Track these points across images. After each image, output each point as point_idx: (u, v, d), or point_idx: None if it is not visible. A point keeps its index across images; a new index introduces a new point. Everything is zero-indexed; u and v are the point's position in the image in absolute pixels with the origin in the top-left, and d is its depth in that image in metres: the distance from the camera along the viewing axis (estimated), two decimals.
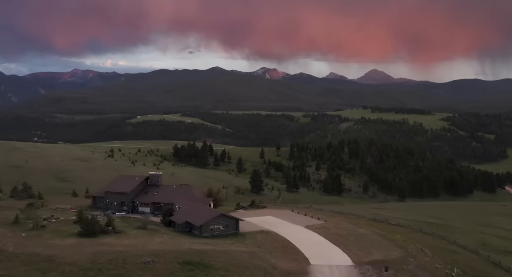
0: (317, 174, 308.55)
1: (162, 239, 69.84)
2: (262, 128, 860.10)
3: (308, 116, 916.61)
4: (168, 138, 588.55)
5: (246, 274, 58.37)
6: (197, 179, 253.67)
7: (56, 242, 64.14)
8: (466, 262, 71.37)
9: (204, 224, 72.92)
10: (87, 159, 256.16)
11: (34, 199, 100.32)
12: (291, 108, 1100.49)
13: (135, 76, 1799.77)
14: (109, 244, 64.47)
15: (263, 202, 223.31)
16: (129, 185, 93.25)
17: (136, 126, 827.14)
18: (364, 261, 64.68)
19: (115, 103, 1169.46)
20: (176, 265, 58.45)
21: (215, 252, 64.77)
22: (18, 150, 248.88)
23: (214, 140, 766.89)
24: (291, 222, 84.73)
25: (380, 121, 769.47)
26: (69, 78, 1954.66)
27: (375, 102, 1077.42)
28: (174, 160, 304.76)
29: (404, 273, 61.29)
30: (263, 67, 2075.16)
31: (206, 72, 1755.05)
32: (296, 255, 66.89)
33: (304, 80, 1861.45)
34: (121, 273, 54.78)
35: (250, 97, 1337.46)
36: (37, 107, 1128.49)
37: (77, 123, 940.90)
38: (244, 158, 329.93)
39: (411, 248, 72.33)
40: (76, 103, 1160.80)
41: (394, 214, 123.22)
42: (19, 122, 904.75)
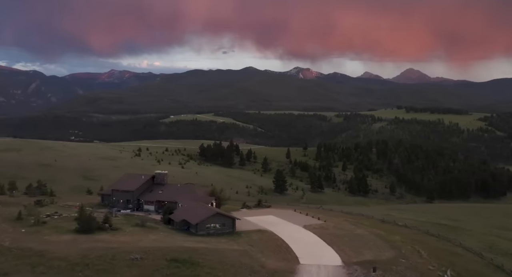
0: (343, 174, 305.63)
1: (157, 236, 70.90)
2: (293, 128, 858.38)
3: (341, 116, 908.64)
4: (200, 137, 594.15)
5: (231, 272, 58.66)
6: (221, 179, 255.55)
7: (53, 238, 66.02)
8: (464, 265, 69.70)
9: (200, 222, 73.60)
10: (114, 158, 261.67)
11: (46, 196, 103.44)
12: (324, 108, 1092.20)
13: (170, 76, 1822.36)
14: (103, 241, 65.90)
15: (287, 202, 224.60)
16: (135, 183, 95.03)
17: (169, 125, 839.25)
18: (354, 261, 64.08)
19: (150, 103, 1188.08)
20: (164, 262, 59.28)
21: (206, 250, 65.33)
22: (48, 149, 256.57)
23: (245, 139, 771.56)
24: (290, 221, 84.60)
25: (414, 121, 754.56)
26: (106, 79, 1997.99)
27: (410, 102, 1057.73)
28: (200, 160, 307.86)
29: (393, 273, 60.40)
30: (296, 67, 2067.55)
31: (240, 72, 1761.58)
32: (287, 254, 66.77)
33: (338, 80, 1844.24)
34: (107, 269, 55.93)
35: (282, 97, 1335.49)
36: (75, 107, 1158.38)
37: (113, 122, 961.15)
38: (270, 158, 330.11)
39: (406, 249, 71.13)
40: (112, 103, 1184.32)
41: (407, 215, 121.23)
42: (58, 121, 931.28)
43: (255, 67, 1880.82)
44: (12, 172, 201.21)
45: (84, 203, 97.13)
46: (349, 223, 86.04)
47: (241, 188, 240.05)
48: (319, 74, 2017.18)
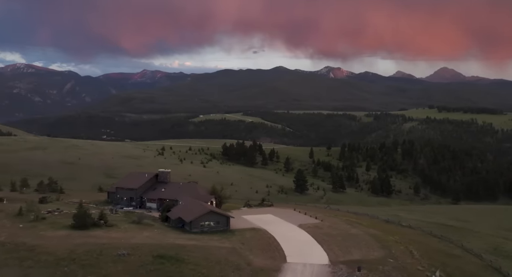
0: (367, 174, 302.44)
1: (151, 233, 72.08)
2: (322, 128, 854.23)
3: (371, 116, 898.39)
4: (228, 137, 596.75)
5: (215, 269, 59.19)
6: (241, 178, 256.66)
7: (48, 233, 67.97)
8: (460, 266, 68.51)
9: (194, 220, 74.42)
10: (137, 156, 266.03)
11: (55, 193, 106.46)
12: (354, 107, 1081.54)
13: (200, 76, 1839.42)
14: (96, 237, 67.45)
15: (306, 202, 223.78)
16: (138, 181, 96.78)
17: (198, 125, 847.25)
18: (341, 260, 63.74)
19: (180, 103, 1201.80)
20: (150, 258, 60.26)
21: (194, 247, 66.07)
22: (73, 148, 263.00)
23: (273, 139, 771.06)
24: (286, 220, 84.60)
25: (446, 121, 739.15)
26: (139, 79, 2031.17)
27: (443, 102, 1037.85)
28: (222, 159, 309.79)
29: (378, 273, 59.74)
30: (327, 66, 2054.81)
31: (270, 72, 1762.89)
32: (275, 253, 66.91)
33: (370, 79, 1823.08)
34: (92, 264, 57.27)
35: (312, 97, 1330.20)
36: (108, 107, 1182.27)
37: (144, 122, 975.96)
38: (293, 158, 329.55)
39: (398, 250, 70.25)
40: (144, 103, 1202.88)
41: (416, 216, 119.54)
42: (91, 121, 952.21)
43: (285, 67, 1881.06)
44: (37, 169, 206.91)
45: (91, 200, 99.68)
46: (346, 223, 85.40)
47: (261, 187, 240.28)
48: (350, 73, 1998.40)
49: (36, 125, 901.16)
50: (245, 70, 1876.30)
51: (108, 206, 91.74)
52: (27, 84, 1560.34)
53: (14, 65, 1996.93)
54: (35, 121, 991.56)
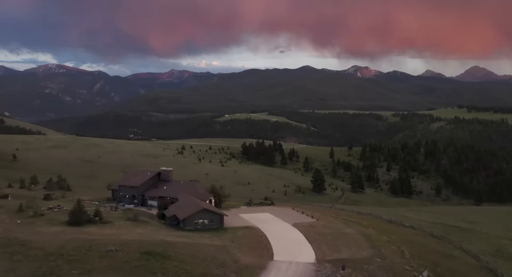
0: (388, 175, 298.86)
1: (144, 230, 73.14)
2: (347, 128, 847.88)
3: (398, 116, 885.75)
4: (253, 136, 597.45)
5: (200, 265, 59.80)
6: (259, 177, 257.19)
7: (43, 229, 69.73)
8: (452, 267, 67.65)
9: (187, 217, 75.21)
10: (156, 155, 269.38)
11: (62, 191, 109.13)
12: (381, 107, 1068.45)
13: (227, 75, 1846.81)
14: (88, 233, 68.85)
15: (323, 202, 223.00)
16: (140, 179, 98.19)
17: (223, 124, 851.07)
18: (327, 259, 63.57)
19: (206, 102, 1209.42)
20: (136, 255, 61.24)
21: (184, 244, 66.83)
22: (94, 146, 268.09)
23: (297, 139, 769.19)
24: (282, 219, 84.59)
25: (475, 121, 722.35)
26: (167, 78, 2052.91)
27: (474, 101, 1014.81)
28: (242, 158, 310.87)
29: (362, 272, 59.44)
30: (354, 65, 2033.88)
31: (296, 71, 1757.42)
32: (264, 251, 67.12)
33: (398, 78, 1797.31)
34: (79, 259, 58.57)
35: (339, 96, 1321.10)
36: (135, 106, 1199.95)
37: (170, 121, 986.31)
38: (313, 158, 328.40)
39: (389, 249, 69.65)
40: (171, 103, 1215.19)
41: (423, 216, 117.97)
42: (118, 120, 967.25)
43: (312, 66, 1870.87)
44: (57, 167, 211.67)
45: (96, 198, 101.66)
46: (342, 223, 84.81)
47: (279, 187, 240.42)
48: (378, 72, 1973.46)
49: (66, 124, 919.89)
50: (271, 70, 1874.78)
51: (109, 204, 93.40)
52: (58, 84, 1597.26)
53: (46, 66, 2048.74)
54: (65, 120, 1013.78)
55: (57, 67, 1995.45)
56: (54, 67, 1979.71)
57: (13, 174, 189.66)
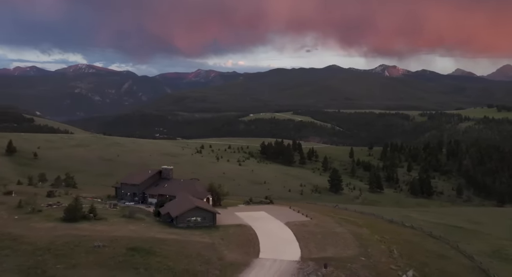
0: (408, 175, 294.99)
1: (136, 227, 74.52)
2: (373, 127, 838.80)
3: (425, 115, 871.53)
4: (276, 136, 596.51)
5: (183, 262, 60.72)
6: (276, 176, 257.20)
7: (37, 225, 71.78)
8: (442, 267, 67.14)
9: (179, 215, 76.33)
10: (175, 154, 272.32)
11: (68, 188, 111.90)
12: (408, 106, 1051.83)
13: (253, 75, 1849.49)
14: (80, 229, 70.58)
15: (339, 202, 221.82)
16: (141, 177, 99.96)
17: (248, 124, 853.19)
18: (312, 257, 63.73)
19: (232, 102, 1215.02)
20: (123, 251, 62.55)
21: (173, 241, 67.92)
22: (115, 145, 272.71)
23: (322, 138, 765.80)
24: (277, 218, 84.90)
25: (505, 121, 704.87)
26: (193, 78, 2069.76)
27: (505, 101, 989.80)
28: (260, 157, 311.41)
29: (344, 270, 59.47)
30: (382, 65, 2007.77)
31: (322, 71, 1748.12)
32: (251, 248, 67.64)
33: (427, 77, 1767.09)
34: (65, 254, 60.19)
35: (365, 95, 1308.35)
36: (162, 106, 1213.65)
37: (196, 120, 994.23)
38: (333, 157, 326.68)
39: (377, 249, 69.42)
40: (196, 102, 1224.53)
41: (427, 217, 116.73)
42: (145, 119, 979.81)
43: (338, 65, 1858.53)
44: (77, 166, 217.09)
45: (99, 195, 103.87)
46: (335, 222, 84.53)
47: (295, 186, 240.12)
48: (406, 71, 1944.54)
49: (94, 123, 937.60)
50: (297, 69, 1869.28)
51: (110, 201, 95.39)
52: (88, 84, 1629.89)
53: (76, 66, 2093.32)
54: (94, 120, 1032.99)
55: (87, 67, 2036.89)
56: (84, 67, 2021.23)
57: (33, 171, 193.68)
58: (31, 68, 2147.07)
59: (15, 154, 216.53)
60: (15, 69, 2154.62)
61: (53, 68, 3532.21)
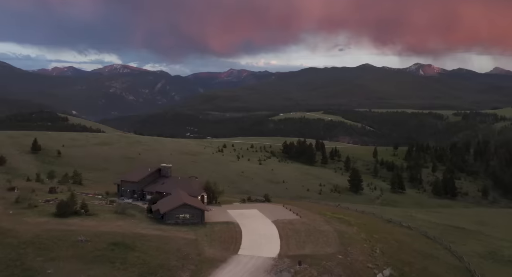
0: (432, 175, 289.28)
1: (125, 223, 76.21)
2: (405, 127, 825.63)
3: (459, 115, 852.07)
4: (306, 135, 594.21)
5: (160, 257, 62.04)
6: (295, 176, 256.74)
7: (29, 219, 74.35)
8: (426, 266, 66.87)
9: (168, 211, 77.75)
10: (196, 153, 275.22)
11: (75, 185, 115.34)
12: (443, 106, 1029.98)
13: (285, 74, 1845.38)
14: (69, 224, 72.76)
15: (359, 202, 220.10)
16: (140, 175, 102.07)
17: (277, 123, 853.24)
18: (289, 254, 64.09)
19: (263, 101, 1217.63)
20: (104, 245, 64.32)
21: (156, 237, 69.32)
22: (137, 144, 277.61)
23: (352, 138, 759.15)
24: (266, 216, 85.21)
25: None
26: (225, 78, 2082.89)
27: None
28: (282, 157, 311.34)
29: (317, 268, 59.69)
30: (416, 63, 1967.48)
31: (355, 69, 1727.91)
32: (232, 245, 68.42)
33: (463, 76, 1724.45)
34: (47, 248, 62.32)
35: (399, 95, 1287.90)
36: (193, 105, 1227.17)
37: (226, 120, 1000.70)
38: (356, 157, 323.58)
39: (359, 247, 69.30)
40: (227, 101, 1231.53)
41: (429, 217, 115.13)
42: (176, 119, 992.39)
43: (371, 64, 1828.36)
44: (98, 163, 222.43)
45: (102, 192, 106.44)
46: (324, 220, 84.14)
47: (314, 186, 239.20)
48: (441, 70, 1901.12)
49: (127, 123, 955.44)
50: (330, 68, 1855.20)
51: (108, 198, 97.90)
52: (122, 84, 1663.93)
53: (112, 66, 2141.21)
54: (127, 119, 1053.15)
55: (121, 67, 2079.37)
56: (119, 67, 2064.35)
57: (55, 169, 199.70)
58: (68, 69, 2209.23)
59: (40, 152, 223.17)
60: (53, 70, 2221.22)
61: (89, 68, 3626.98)
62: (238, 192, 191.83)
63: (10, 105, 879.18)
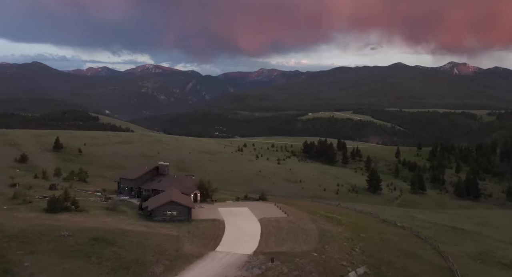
0: (456, 176, 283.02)
1: (112, 219, 78.03)
2: (436, 127, 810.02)
3: (494, 115, 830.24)
4: (334, 135, 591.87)
5: (136, 252, 63.50)
6: (313, 175, 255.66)
7: (20, 214, 77.00)
8: (404, 266, 66.33)
9: (155, 208, 79.26)
10: (215, 152, 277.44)
11: (79, 182, 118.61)
12: (478, 105, 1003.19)
13: (315, 74, 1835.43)
14: (57, 219, 74.96)
15: (376, 203, 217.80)
16: (137, 172, 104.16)
17: (305, 123, 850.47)
18: (265, 251, 64.58)
19: (292, 101, 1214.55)
20: (84, 240, 66.21)
21: (137, 233, 70.80)
22: (158, 143, 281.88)
23: (381, 138, 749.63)
24: (254, 214, 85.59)
25: None
26: (256, 77, 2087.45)
27: None
28: (303, 156, 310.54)
29: (289, 264, 60.15)
30: (450, 62, 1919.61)
31: (387, 69, 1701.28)
32: (212, 242, 69.29)
33: (500, 75, 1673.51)
34: (29, 242, 64.57)
35: (431, 94, 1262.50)
36: (223, 105, 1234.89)
37: (254, 119, 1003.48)
38: (379, 157, 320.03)
39: (337, 246, 69.27)
40: (257, 101, 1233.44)
41: (428, 217, 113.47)
42: (205, 118, 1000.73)
43: (404, 63, 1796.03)
44: (118, 162, 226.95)
45: (102, 189, 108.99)
46: (310, 219, 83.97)
47: (332, 186, 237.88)
48: (476, 69, 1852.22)
49: (158, 122, 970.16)
50: (361, 67, 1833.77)
51: (107, 195, 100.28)
52: (154, 84, 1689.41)
53: (144, 66, 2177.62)
54: (158, 118, 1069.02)
55: (153, 67, 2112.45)
56: (151, 68, 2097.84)
57: (75, 167, 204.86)
58: (102, 69, 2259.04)
59: (62, 150, 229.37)
60: (88, 70, 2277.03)
61: (122, 68, 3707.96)
62: (252, 191, 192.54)
63: (45, 105, 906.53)
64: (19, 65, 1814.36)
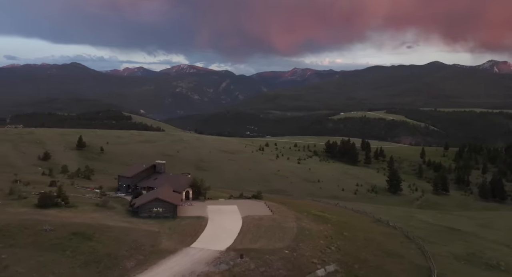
0: (482, 177, 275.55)
1: (99, 215, 79.99)
2: (472, 127, 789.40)
3: None
4: (366, 135, 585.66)
5: (111, 247, 64.99)
6: (332, 175, 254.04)
7: (12, 209, 79.70)
8: (378, 265, 65.73)
9: (141, 205, 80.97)
10: (235, 151, 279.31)
11: (83, 179, 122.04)
12: None
13: (349, 73, 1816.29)
14: (45, 215, 77.36)
15: (396, 203, 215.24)
16: (134, 170, 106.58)
17: (337, 122, 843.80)
18: (237, 248, 65.12)
19: (325, 100, 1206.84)
20: (64, 234, 68.19)
21: (118, 228, 72.34)
22: (179, 141, 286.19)
23: (413, 138, 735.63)
24: (240, 212, 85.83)
25: None
26: (289, 77, 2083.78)
27: None
28: (325, 156, 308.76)
29: (258, 261, 60.59)
30: (490, 60, 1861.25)
31: (423, 67, 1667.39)
32: (189, 238, 70.05)
33: None
34: (11, 235, 66.92)
35: (469, 93, 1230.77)
36: (256, 104, 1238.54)
37: (286, 119, 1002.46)
38: (403, 157, 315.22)
39: (312, 244, 69.00)
40: (290, 100, 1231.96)
41: (427, 217, 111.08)
42: (237, 117, 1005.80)
43: (441, 62, 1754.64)
44: (137, 160, 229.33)
45: (101, 187, 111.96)
46: (295, 217, 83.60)
47: (351, 186, 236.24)
48: None
49: (191, 121, 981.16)
50: (396, 66, 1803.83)
51: (104, 192, 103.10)
52: (188, 84, 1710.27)
53: (179, 66, 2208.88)
54: (191, 118, 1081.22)
55: (188, 67, 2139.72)
56: (186, 68, 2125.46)
57: (97, 165, 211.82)
58: (138, 69, 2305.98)
59: (84, 149, 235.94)
60: (124, 70, 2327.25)
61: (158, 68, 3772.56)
62: (268, 190, 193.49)
63: (81, 105, 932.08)
64: (59, 66, 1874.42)
